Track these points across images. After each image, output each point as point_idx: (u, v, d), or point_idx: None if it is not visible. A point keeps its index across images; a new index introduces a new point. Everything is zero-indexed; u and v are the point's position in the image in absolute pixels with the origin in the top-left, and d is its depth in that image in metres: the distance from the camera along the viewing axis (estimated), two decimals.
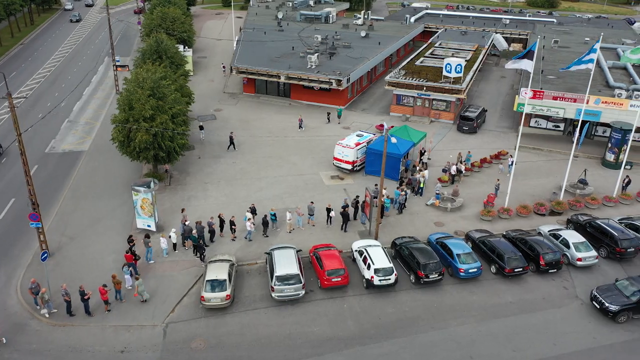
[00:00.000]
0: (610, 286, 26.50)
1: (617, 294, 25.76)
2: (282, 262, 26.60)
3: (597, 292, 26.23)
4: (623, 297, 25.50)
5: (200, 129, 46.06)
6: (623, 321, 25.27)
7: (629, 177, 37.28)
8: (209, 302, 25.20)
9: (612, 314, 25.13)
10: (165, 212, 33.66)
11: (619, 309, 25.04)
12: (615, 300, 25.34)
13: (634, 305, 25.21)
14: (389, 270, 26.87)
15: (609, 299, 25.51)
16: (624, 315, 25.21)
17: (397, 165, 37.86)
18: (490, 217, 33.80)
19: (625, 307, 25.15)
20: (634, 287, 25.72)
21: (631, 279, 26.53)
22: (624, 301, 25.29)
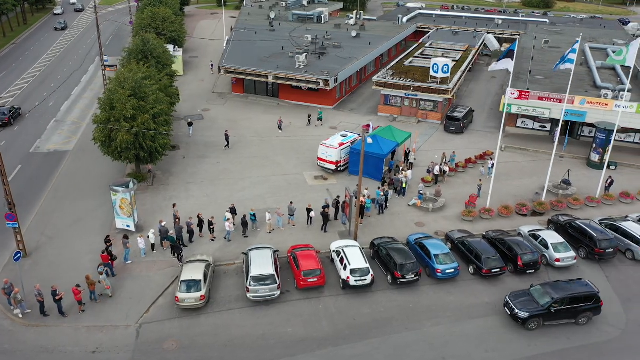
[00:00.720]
0: (524, 292, 25.76)
1: (529, 300, 24.96)
2: (257, 262, 26.56)
3: (509, 297, 25.41)
4: (535, 303, 24.71)
5: (189, 125, 46.30)
6: (534, 328, 24.55)
7: (611, 178, 37.24)
8: (183, 303, 25.15)
9: (522, 321, 24.42)
10: (147, 213, 33.62)
11: (529, 316, 24.31)
12: (526, 307, 24.58)
13: (545, 312, 24.48)
14: (365, 270, 26.83)
15: (520, 305, 24.73)
16: (535, 322, 24.47)
17: (381, 165, 37.82)
18: (472, 217, 33.76)
19: (536, 314, 24.38)
20: (547, 293, 24.96)
21: (546, 285, 25.68)
22: (535, 308, 24.51)
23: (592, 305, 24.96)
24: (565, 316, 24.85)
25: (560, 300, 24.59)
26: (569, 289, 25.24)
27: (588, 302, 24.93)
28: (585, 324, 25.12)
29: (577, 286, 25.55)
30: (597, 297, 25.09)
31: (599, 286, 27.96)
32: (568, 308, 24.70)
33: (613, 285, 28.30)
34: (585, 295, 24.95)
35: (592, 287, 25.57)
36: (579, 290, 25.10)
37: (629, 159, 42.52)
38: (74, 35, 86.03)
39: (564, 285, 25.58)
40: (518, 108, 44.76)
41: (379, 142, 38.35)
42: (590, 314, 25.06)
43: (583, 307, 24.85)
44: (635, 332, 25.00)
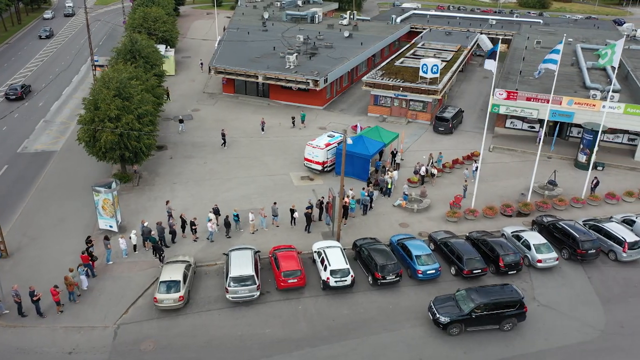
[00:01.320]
0: (449, 296, 25.37)
1: (452, 305, 24.58)
2: (237, 263, 26.53)
3: (433, 302, 25.03)
4: (457, 309, 24.32)
5: (180, 122, 46.69)
6: (455, 334, 24.13)
7: (597, 179, 37.21)
8: (161, 303, 25.12)
9: (443, 326, 24.07)
10: (131, 213, 33.57)
11: (450, 321, 23.93)
12: (448, 312, 24.21)
13: (467, 317, 24.09)
14: (346, 271, 26.80)
15: (442, 310, 24.36)
16: (456, 327, 24.05)
17: (367, 165, 37.79)
18: (456, 218, 33.72)
19: (457, 319, 24.00)
20: (470, 298, 24.56)
21: (471, 290, 25.20)
22: (457, 313, 24.13)
23: (515, 312, 24.40)
24: (488, 322, 24.33)
25: (482, 306, 24.11)
26: (493, 294, 24.71)
27: (512, 308, 24.36)
28: (509, 330, 24.54)
29: (502, 292, 24.95)
30: (521, 303, 24.50)
31: (580, 287, 28.23)
32: (491, 314, 24.21)
33: (594, 286, 28.27)
34: (508, 301, 24.39)
35: (517, 293, 24.93)
36: (503, 296, 24.55)
37: (616, 160, 42.49)
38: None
39: (488, 291, 25.04)
40: (506, 109, 44.74)
41: (365, 142, 38.37)
42: (515, 320, 24.53)
43: (506, 313, 24.31)
44: (614, 333, 24.97)
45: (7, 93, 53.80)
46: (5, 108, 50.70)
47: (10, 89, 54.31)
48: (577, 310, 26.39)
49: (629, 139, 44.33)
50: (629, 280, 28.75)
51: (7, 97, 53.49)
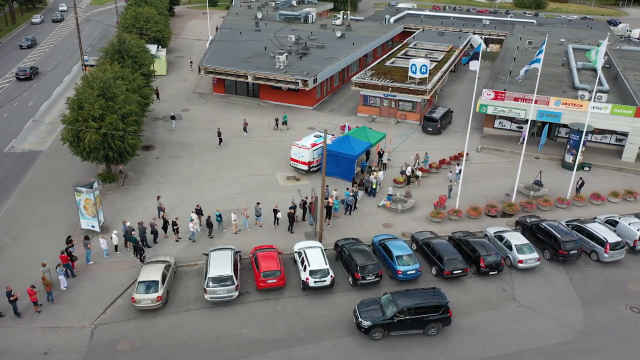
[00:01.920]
0: (374, 300, 24.97)
1: (376, 309, 24.16)
2: (216, 263, 26.51)
3: (358, 306, 24.62)
4: (380, 312, 23.92)
5: (172, 119, 47.04)
6: (378, 338, 23.74)
7: (582, 179, 37.18)
8: (139, 304, 25.09)
9: (365, 330, 23.64)
10: (115, 213, 33.53)
11: (371, 325, 23.54)
12: (371, 316, 23.77)
13: (389, 321, 23.67)
14: (325, 271, 26.77)
15: (365, 314, 23.93)
16: (378, 332, 23.65)
17: (352, 165, 37.76)
18: (440, 218, 33.69)
19: (379, 323, 23.61)
20: (394, 302, 24.09)
21: (396, 294, 24.67)
22: (379, 317, 23.71)
23: (439, 316, 24.06)
24: (411, 326, 24.01)
25: (406, 310, 23.75)
26: (417, 298, 24.36)
27: (436, 312, 24.03)
28: (434, 334, 24.22)
29: (427, 296, 24.65)
30: (446, 307, 24.15)
31: (561, 287, 28.22)
32: (414, 318, 23.85)
33: (575, 286, 28.25)
34: (432, 305, 24.03)
35: (443, 297, 24.58)
36: (427, 300, 24.21)
37: (603, 160, 42.47)
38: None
39: (414, 295, 24.69)
40: (494, 109, 44.74)
41: (351, 142, 38.36)
42: (439, 324, 24.20)
43: (430, 317, 23.95)
44: (591, 333, 24.95)
45: (18, 74, 60.45)
46: (16, 88, 56.96)
47: (20, 70, 60.97)
48: (557, 310, 26.36)
49: (616, 140, 44.29)
50: (610, 281, 28.73)
51: (18, 77, 60.29)
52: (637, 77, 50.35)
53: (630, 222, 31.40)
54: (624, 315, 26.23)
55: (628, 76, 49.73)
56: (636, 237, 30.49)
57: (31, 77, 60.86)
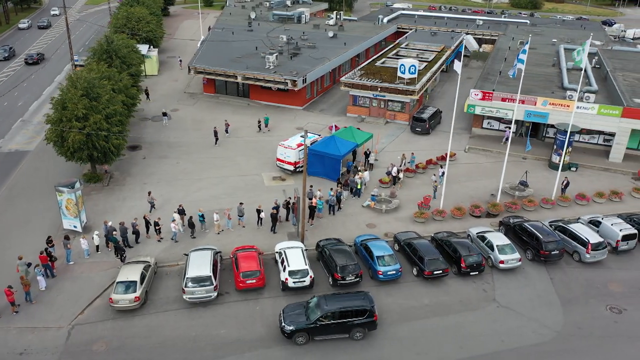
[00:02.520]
0: (300, 304, 24.70)
1: (301, 313, 23.85)
2: (195, 263, 26.49)
3: (284, 309, 24.38)
4: (304, 317, 23.59)
5: (164, 115, 47.60)
6: (302, 343, 23.37)
7: (567, 179, 37.15)
8: (117, 304, 25.06)
9: (288, 335, 23.30)
10: (98, 213, 33.47)
11: (294, 330, 23.21)
12: (295, 320, 23.45)
13: (312, 326, 23.31)
14: (304, 272, 26.73)
15: (289, 318, 23.63)
16: (302, 336, 23.30)
17: (337, 166, 37.72)
18: (424, 219, 33.65)
19: (303, 328, 23.25)
20: (318, 307, 23.78)
21: (322, 298, 24.38)
22: (303, 321, 23.39)
23: (364, 320, 23.68)
24: (336, 330, 23.63)
25: (330, 314, 23.42)
26: (342, 302, 23.99)
27: (360, 316, 23.65)
28: (360, 338, 23.84)
29: (352, 299, 24.24)
30: (371, 312, 23.73)
31: (541, 288, 28.19)
32: (338, 322, 23.49)
33: (556, 287, 28.22)
34: (357, 310, 23.64)
35: (368, 301, 24.18)
36: (351, 304, 23.82)
37: (591, 161, 42.43)
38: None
39: (339, 298, 24.35)
40: (482, 109, 44.71)
41: (337, 142, 38.33)
42: (364, 329, 23.85)
43: (354, 321, 23.59)
44: (569, 334, 24.91)
45: (26, 59, 67.10)
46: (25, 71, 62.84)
47: (28, 56, 67.50)
48: (536, 311, 26.32)
49: (604, 140, 44.26)
50: (591, 281, 28.70)
51: (26, 62, 66.71)
52: (627, 77, 50.31)
53: (612, 222, 31.35)
54: (604, 315, 26.19)
55: (617, 76, 49.70)
56: (618, 237, 30.45)
57: (38, 61, 67.05)
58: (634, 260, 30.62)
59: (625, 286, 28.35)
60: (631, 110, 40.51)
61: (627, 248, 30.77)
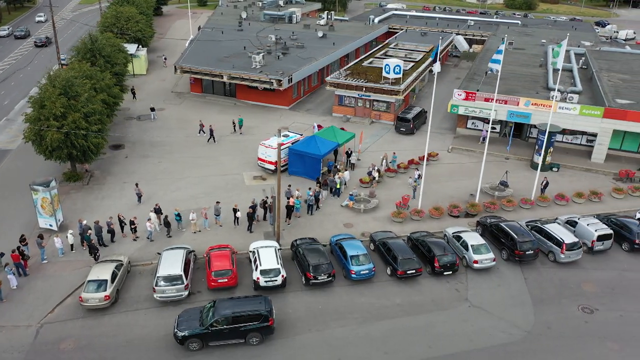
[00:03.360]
0: (197, 309, 24.18)
1: (195, 318, 23.28)
2: (167, 262, 26.47)
3: (180, 314, 23.86)
4: (198, 322, 23.02)
5: (152, 110, 48.54)
6: (195, 349, 22.78)
7: (546, 179, 37.15)
8: (87, 303, 25.03)
9: (180, 341, 22.71)
10: (76, 212, 33.40)
11: (186, 335, 22.63)
12: (188, 326, 22.88)
13: (205, 331, 22.72)
14: (276, 271, 26.70)
15: (183, 323, 23.01)
16: (195, 342, 22.70)
17: (318, 165, 37.70)
18: (401, 218, 33.64)
19: (195, 333, 22.67)
20: (212, 312, 23.25)
21: (219, 302, 23.87)
22: (196, 327, 22.81)
23: (259, 325, 23.17)
24: (230, 336, 23.08)
25: (222, 320, 22.86)
26: (236, 307, 23.44)
27: (255, 321, 23.14)
28: (257, 344, 23.33)
29: (248, 304, 23.73)
30: (266, 317, 23.23)
31: (515, 288, 28.16)
32: (232, 327, 22.94)
33: (529, 287, 28.20)
34: (251, 315, 23.14)
35: (265, 306, 23.58)
36: (245, 309, 23.29)
37: (573, 161, 42.44)
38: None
39: (234, 303, 23.84)
40: (465, 109, 44.72)
41: (317, 142, 38.32)
42: (260, 334, 23.34)
43: (249, 326, 23.09)
44: (539, 334, 24.88)
45: (35, 41, 76.24)
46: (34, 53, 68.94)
47: (37, 39, 76.61)
48: (507, 311, 26.30)
49: (587, 140, 44.27)
50: (565, 282, 28.68)
51: (36, 44, 75.70)
52: (612, 78, 50.36)
53: (588, 222, 31.34)
54: (575, 315, 26.17)
55: (602, 77, 49.75)
56: (594, 237, 30.45)
57: (46, 44, 75.97)
58: (609, 260, 30.63)
59: (599, 286, 28.34)
60: (612, 110, 40.54)
61: (602, 248, 30.76)
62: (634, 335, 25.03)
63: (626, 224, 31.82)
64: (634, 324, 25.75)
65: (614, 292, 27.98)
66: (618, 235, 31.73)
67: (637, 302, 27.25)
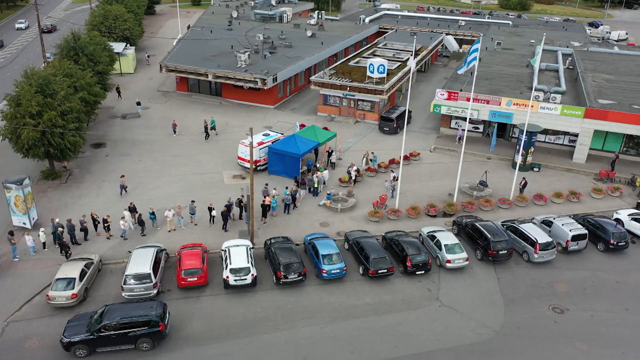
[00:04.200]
0: (87, 314, 23.48)
1: (84, 324, 22.56)
2: (136, 261, 26.39)
3: (70, 319, 23.14)
4: (86, 328, 22.26)
5: (138, 105, 49.25)
6: (82, 355, 22.03)
7: (524, 179, 37.09)
8: (54, 301, 24.95)
9: (65, 347, 21.94)
10: (52, 210, 33.31)
11: (72, 342, 21.88)
12: (75, 332, 22.11)
13: (91, 337, 22.01)
14: (246, 270, 26.63)
15: (71, 329, 22.25)
16: (81, 349, 21.92)
17: (297, 164, 37.61)
18: (378, 218, 33.56)
19: (81, 339, 21.92)
20: (101, 317, 22.50)
21: (111, 307, 23.16)
22: (82, 333, 22.02)
23: (149, 330, 22.53)
24: (119, 342, 22.42)
25: (110, 326, 22.20)
26: (124, 312, 22.86)
27: (144, 327, 22.50)
28: (147, 350, 22.75)
29: (137, 309, 23.09)
30: (156, 322, 22.59)
31: (487, 287, 28.10)
32: (119, 333, 22.27)
33: (501, 286, 28.14)
34: (140, 320, 22.52)
35: (155, 310, 22.96)
36: (133, 315, 22.68)
37: (555, 161, 42.38)
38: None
39: (124, 308, 23.24)
40: (447, 109, 44.66)
41: (297, 141, 38.23)
42: (150, 339, 22.70)
43: (138, 332, 22.46)
44: (508, 334, 24.82)
45: (43, 29, 71.53)
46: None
47: (44, 25, 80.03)
48: (478, 310, 26.24)
49: (569, 141, 44.22)
50: (537, 281, 28.62)
51: (43, 31, 71.55)
52: (596, 78, 50.32)
53: (563, 222, 31.27)
54: (545, 315, 26.10)
55: (586, 77, 49.71)
56: (568, 237, 30.38)
57: (52, 31, 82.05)
58: (583, 260, 30.57)
59: (571, 286, 28.28)
60: (593, 111, 40.48)
61: (577, 248, 30.71)
62: (603, 335, 24.98)
63: (602, 225, 31.74)
64: (603, 324, 25.69)
65: (586, 292, 27.93)
66: (594, 236, 31.69)
67: (608, 302, 27.20)
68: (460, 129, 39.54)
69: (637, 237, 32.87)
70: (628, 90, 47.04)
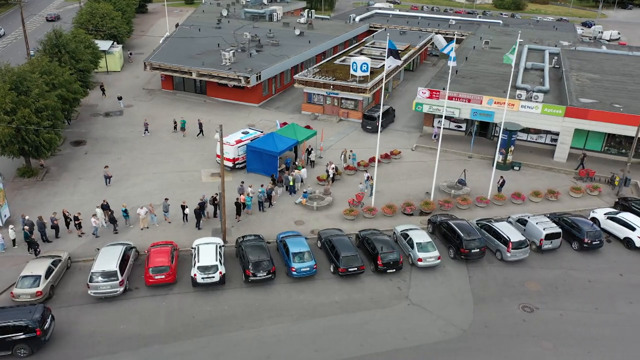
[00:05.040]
0: None
1: None
2: (103, 258, 26.23)
3: None
4: None
5: (119, 99, 50.05)
6: None
7: (502, 178, 36.95)
8: (18, 298, 24.80)
9: None
10: (26, 208, 33.11)
11: None
12: None
13: None
14: (214, 268, 26.47)
15: None
16: None
17: (275, 162, 37.45)
18: (353, 216, 33.40)
19: None
20: None
21: None
22: None
23: (25, 336, 21.80)
24: None
25: None
26: (3, 317, 22.23)
27: (19, 332, 21.80)
28: (25, 356, 22.06)
29: (12, 314, 22.42)
30: (32, 328, 21.82)
31: (458, 286, 27.94)
32: None
33: (472, 285, 27.98)
34: (14, 326, 21.81)
35: (29, 316, 22.17)
36: (6, 320, 21.97)
37: (536, 160, 42.23)
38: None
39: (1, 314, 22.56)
40: (429, 107, 44.51)
41: (275, 139, 38.08)
42: (27, 345, 21.94)
43: (13, 338, 21.77)
44: (475, 332, 24.66)
45: (47, 17, 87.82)
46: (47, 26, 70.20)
47: (49, 14, 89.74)
48: (446, 309, 26.08)
49: (551, 140, 44.06)
50: (509, 280, 28.46)
51: (47, 19, 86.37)
52: (580, 77, 50.16)
53: (538, 221, 31.10)
54: (514, 314, 25.94)
55: (570, 76, 49.55)
56: (542, 236, 30.23)
57: (55, 20, 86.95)
58: (557, 259, 30.41)
59: (542, 285, 28.12)
60: (574, 109, 40.34)
61: (551, 247, 30.55)
62: (571, 334, 24.82)
63: (577, 223, 31.57)
64: (572, 323, 25.54)
65: (557, 291, 27.78)
66: (569, 235, 31.55)
67: (579, 301, 27.06)
68: (436, 127, 39.33)
69: (612, 236, 32.70)
70: (611, 89, 46.89)
